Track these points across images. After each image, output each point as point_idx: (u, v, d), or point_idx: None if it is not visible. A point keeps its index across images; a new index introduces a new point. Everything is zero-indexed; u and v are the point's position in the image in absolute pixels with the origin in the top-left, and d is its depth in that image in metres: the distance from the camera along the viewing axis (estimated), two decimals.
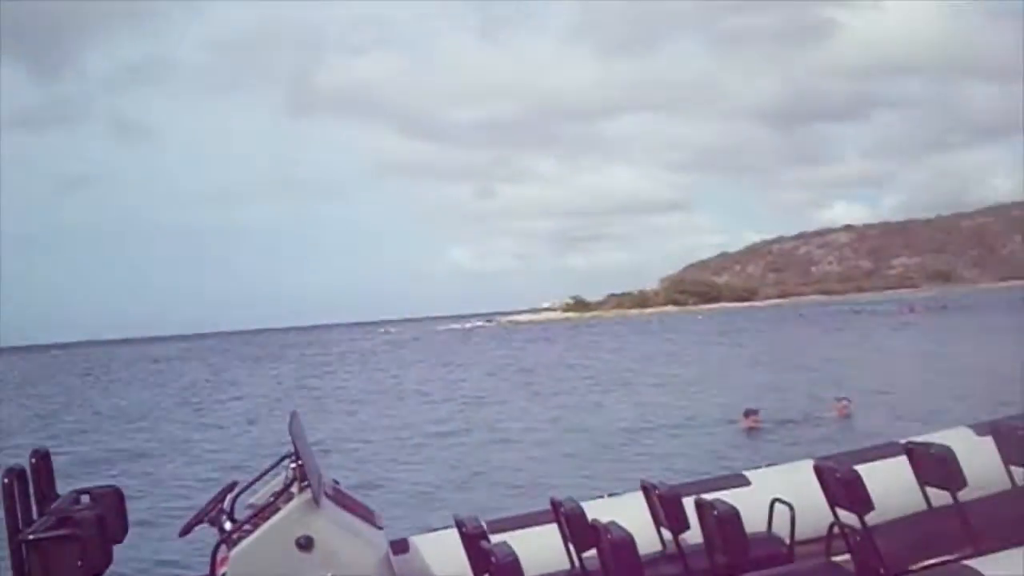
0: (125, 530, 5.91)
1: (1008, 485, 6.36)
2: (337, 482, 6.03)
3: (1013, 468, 6.36)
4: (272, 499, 5.34)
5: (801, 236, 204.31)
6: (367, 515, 5.72)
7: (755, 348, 58.62)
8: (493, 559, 5.17)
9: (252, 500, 5.68)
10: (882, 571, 5.66)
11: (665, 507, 6.15)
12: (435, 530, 7.12)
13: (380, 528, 5.67)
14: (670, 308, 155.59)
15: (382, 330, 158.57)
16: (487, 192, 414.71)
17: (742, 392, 30.70)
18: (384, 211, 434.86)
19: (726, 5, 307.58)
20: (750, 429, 24.03)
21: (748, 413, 24.57)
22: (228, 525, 5.51)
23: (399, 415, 33.67)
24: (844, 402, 25.58)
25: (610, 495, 7.39)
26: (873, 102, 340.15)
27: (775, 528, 6.38)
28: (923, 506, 6.32)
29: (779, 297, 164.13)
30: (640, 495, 6.61)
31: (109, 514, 5.49)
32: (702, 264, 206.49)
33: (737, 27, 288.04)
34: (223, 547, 5.24)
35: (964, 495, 5.95)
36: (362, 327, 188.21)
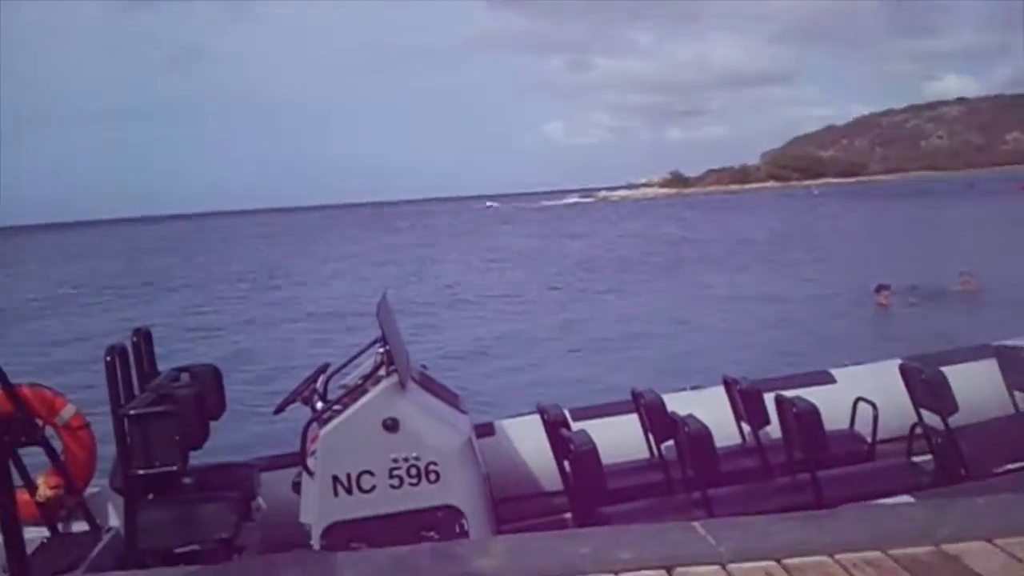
0: (223, 407, 6.20)
1: None
2: (425, 367, 6.17)
3: None
4: (361, 381, 5.46)
5: (911, 109, 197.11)
6: (452, 400, 5.85)
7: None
8: (572, 446, 5.32)
9: (343, 382, 5.81)
10: (963, 473, 5.57)
11: (745, 401, 6.19)
12: (520, 415, 7.14)
13: (464, 413, 5.81)
14: (771, 184, 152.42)
15: (485, 205, 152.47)
16: (582, 65, 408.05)
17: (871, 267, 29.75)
18: (476, 84, 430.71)
19: None
20: (880, 305, 24.06)
21: (880, 289, 24.41)
22: (319, 405, 5.66)
23: None
24: (967, 276, 24.88)
25: (692, 388, 7.34)
26: None
27: (858, 427, 6.34)
28: (1011, 410, 6.23)
29: (886, 173, 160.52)
30: (721, 390, 6.61)
31: (207, 391, 5.85)
32: (806, 138, 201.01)
33: None
34: (314, 425, 5.37)
35: None
36: (458, 202, 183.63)
